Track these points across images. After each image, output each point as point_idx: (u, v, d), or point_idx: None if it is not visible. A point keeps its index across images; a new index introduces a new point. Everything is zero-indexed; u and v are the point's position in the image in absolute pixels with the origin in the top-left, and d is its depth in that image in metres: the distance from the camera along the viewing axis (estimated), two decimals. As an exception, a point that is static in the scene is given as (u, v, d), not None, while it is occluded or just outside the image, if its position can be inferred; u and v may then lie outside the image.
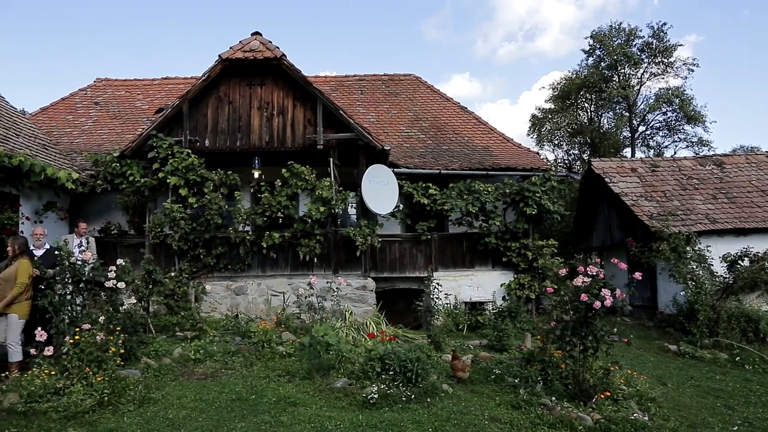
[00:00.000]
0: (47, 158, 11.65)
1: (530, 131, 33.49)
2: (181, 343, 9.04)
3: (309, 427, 5.63)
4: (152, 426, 5.58)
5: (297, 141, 12.27)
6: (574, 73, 31.59)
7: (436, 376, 7.30)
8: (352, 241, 11.78)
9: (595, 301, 6.40)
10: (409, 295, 12.73)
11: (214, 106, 12.34)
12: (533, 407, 6.36)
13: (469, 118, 17.04)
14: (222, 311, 11.73)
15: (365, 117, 16.14)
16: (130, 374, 7.07)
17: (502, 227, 12.96)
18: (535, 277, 12.80)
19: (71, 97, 17.58)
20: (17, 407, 5.88)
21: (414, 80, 18.92)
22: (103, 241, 12.43)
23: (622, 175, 15.66)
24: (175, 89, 17.29)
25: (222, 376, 7.60)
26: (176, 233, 11.66)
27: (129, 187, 12.09)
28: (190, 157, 11.83)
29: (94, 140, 14.96)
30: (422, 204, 12.79)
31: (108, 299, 8.00)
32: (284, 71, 12.08)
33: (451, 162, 13.90)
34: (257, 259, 12.19)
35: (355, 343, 9.08)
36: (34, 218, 11.22)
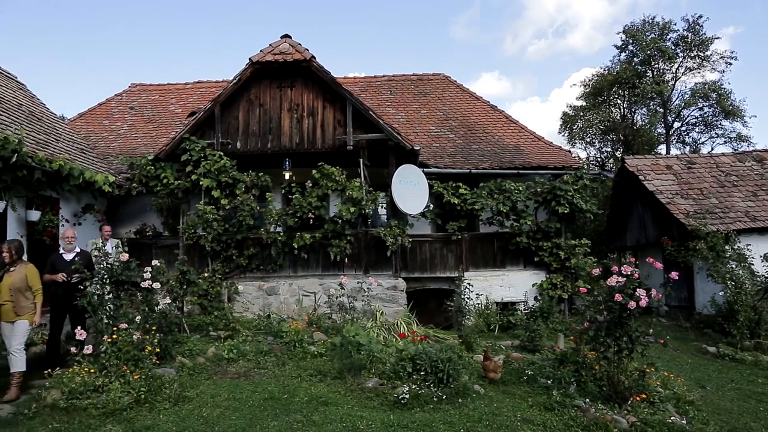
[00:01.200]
0: (85, 162, 11.96)
1: (561, 129, 33.03)
2: (214, 343, 9.17)
3: (340, 426, 5.65)
4: (187, 424, 5.68)
5: (327, 142, 12.34)
6: (606, 69, 31.05)
7: (468, 376, 7.26)
8: (383, 241, 11.79)
9: (630, 302, 6.28)
10: (439, 295, 12.68)
11: (245, 108, 12.49)
12: (567, 409, 6.27)
13: (499, 117, 16.90)
14: (254, 311, 11.87)
15: (395, 117, 16.15)
16: (165, 373, 7.20)
17: (534, 227, 12.83)
18: (568, 277, 12.64)
19: (107, 102, 18.01)
20: (59, 403, 6.08)
21: (443, 79, 18.85)
22: (139, 242, 12.72)
23: (656, 172, 15.35)
24: (207, 93, 17.57)
25: (255, 375, 7.68)
26: (209, 234, 11.84)
27: (163, 189, 12.33)
28: (222, 160, 12.01)
29: (130, 144, 15.30)
30: (452, 204, 12.74)
31: (144, 299, 8.18)
32: (314, 73, 12.16)
33: (482, 161, 13.81)
34: (289, 260, 12.30)
35: (386, 343, 9.09)
36: (73, 221, 11.51)
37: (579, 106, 32.30)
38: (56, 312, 8.01)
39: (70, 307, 7.78)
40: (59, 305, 7.94)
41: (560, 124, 33.14)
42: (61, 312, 8.00)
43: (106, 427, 5.56)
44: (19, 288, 6.88)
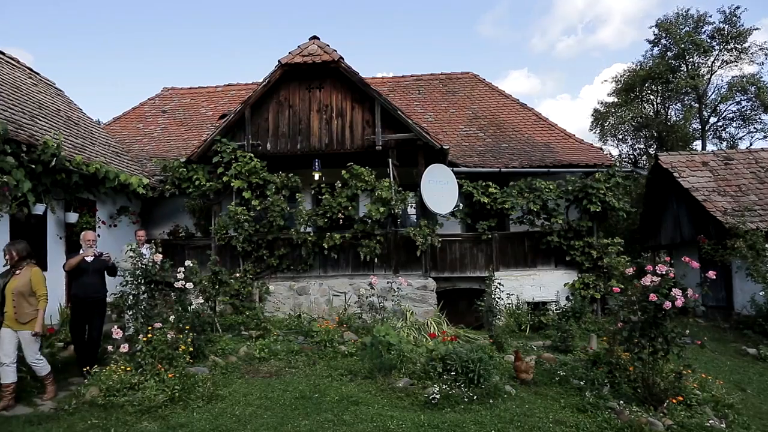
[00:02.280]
0: (120, 165, 12.22)
1: (593, 126, 32.53)
2: (246, 342, 9.29)
3: (371, 426, 5.66)
4: (220, 422, 5.75)
5: (356, 142, 12.38)
6: (638, 64, 30.45)
7: (499, 377, 7.20)
8: (412, 241, 11.78)
9: (665, 302, 6.14)
10: (470, 295, 12.61)
11: (275, 110, 12.61)
12: (600, 411, 6.16)
13: (528, 115, 16.73)
14: (285, 311, 11.98)
15: (423, 117, 16.11)
16: (198, 371, 7.32)
17: (565, 225, 12.67)
18: (600, 277, 12.44)
19: (141, 106, 18.38)
20: (97, 400, 6.25)
21: (472, 78, 18.74)
22: (172, 243, 12.94)
23: (692, 169, 15.00)
24: (237, 95, 17.79)
25: (286, 374, 7.75)
26: (240, 235, 11.99)
27: (195, 191, 12.53)
28: (252, 161, 12.15)
29: (163, 147, 15.58)
30: (482, 203, 12.65)
31: (177, 299, 8.33)
32: (342, 74, 12.22)
33: (512, 160, 13.69)
34: (319, 260, 12.38)
35: (416, 343, 9.07)
36: (109, 222, 11.78)
37: (610, 102, 31.78)
38: (76, 313, 7.64)
39: (90, 308, 7.56)
40: (79, 307, 7.60)
41: (591, 121, 32.66)
42: (80, 313, 7.59)
43: (142, 424, 5.67)
44: (22, 292, 6.40)
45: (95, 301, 7.62)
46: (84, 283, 7.55)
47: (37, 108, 11.02)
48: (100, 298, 7.73)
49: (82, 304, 7.53)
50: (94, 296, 7.59)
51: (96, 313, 7.65)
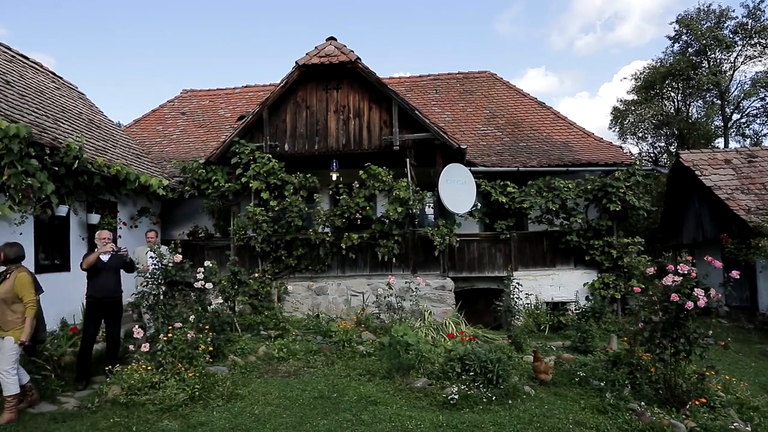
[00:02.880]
0: (140, 167, 12.37)
1: (612, 124, 32.23)
2: (265, 342, 9.34)
3: (390, 426, 5.66)
4: (240, 421, 5.79)
5: (373, 142, 12.39)
6: (658, 61, 30.12)
7: (518, 377, 7.16)
8: (430, 241, 11.76)
9: (687, 302, 6.05)
10: (488, 294, 12.56)
11: (293, 111, 12.67)
12: (621, 412, 6.07)
13: (547, 114, 16.61)
14: (303, 311, 12.03)
15: (441, 116, 16.08)
16: (218, 371, 7.38)
17: (584, 225, 12.56)
18: (621, 276, 12.31)
19: (160, 108, 18.59)
20: (120, 398, 6.33)
21: (489, 77, 18.66)
22: (191, 243, 13.08)
23: (714, 167, 14.78)
24: (255, 96, 17.91)
25: (304, 374, 7.77)
26: (259, 235, 12.06)
27: (214, 192, 12.64)
28: (270, 162, 12.22)
29: (182, 148, 15.73)
30: (500, 202, 12.60)
31: (197, 299, 8.41)
32: (359, 74, 12.23)
33: (530, 159, 13.60)
34: (337, 260, 12.41)
35: (434, 343, 9.05)
36: (130, 223, 11.94)
37: (630, 100, 31.46)
38: (91, 314, 7.45)
39: (106, 310, 7.45)
40: (94, 307, 7.41)
41: (610, 119, 32.38)
42: (96, 314, 7.43)
43: (163, 423, 5.73)
44: (5, 299, 5.95)
45: (112, 302, 7.54)
46: (100, 283, 7.43)
47: (60, 111, 11.19)
48: (116, 299, 7.65)
49: (99, 305, 7.41)
50: (111, 297, 7.50)
51: (113, 315, 7.59)
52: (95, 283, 7.44)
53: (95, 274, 7.44)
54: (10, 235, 8.27)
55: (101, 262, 7.46)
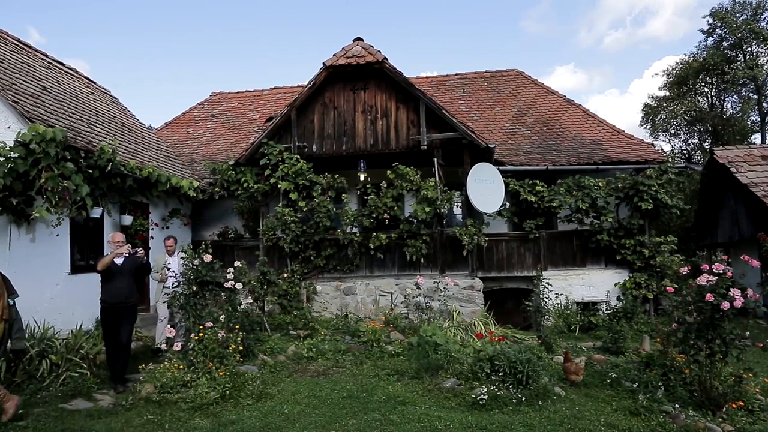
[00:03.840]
0: (171, 169, 12.57)
1: (643, 121, 31.59)
2: (294, 341, 9.41)
3: (418, 426, 5.64)
4: (270, 420, 5.84)
5: (401, 142, 12.39)
6: (691, 56, 29.39)
7: (548, 378, 7.08)
8: (459, 240, 11.71)
9: (723, 302, 5.90)
10: (517, 294, 12.45)
11: (320, 112, 12.74)
12: (654, 414, 5.96)
13: (576, 111, 16.39)
14: (332, 311, 12.08)
15: (468, 115, 16.00)
16: (248, 370, 7.46)
17: (615, 224, 12.37)
18: (653, 276, 12.09)
19: (190, 111, 18.87)
20: (153, 396, 6.44)
21: (517, 75, 18.48)
22: (221, 244, 13.25)
23: (750, 163, 14.38)
24: (283, 98, 18.05)
25: (333, 373, 7.81)
26: (288, 236, 12.16)
27: (243, 193, 12.78)
28: (299, 163, 12.30)
29: (212, 150, 15.95)
30: (529, 201, 12.49)
31: (227, 299, 8.50)
32: (386, 74, 12.24)
33: (559, 157, 13.44)
34: (365, 260, 12.44)
35: (463, 344, 9.01)
36: (161, 224, 12.14)
37: (662, 96, 30.80)
38: (106, 319, 7.20)
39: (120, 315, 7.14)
40: (108, 313, 7.15)
41: (641, 116, 31.74)
42: (110, 320, 7.16)
43: (195, 421, 5.81)
44: None
45: (126, 307, 7.22)
46: (114, 287, 7.13)
47: (94, 115, 11.44)
48: (131, 303, 7.33)
49: (113, 310, 7.12)
50: (124, 302, 7.18)
51: (126, 320, 7.25)
52: (109, 288, 7.17)
53: (109, 278, 7.17)
54: (47, 236, 8.52)
55: (115, 266, 7.20)
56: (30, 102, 8.90)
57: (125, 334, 7.25)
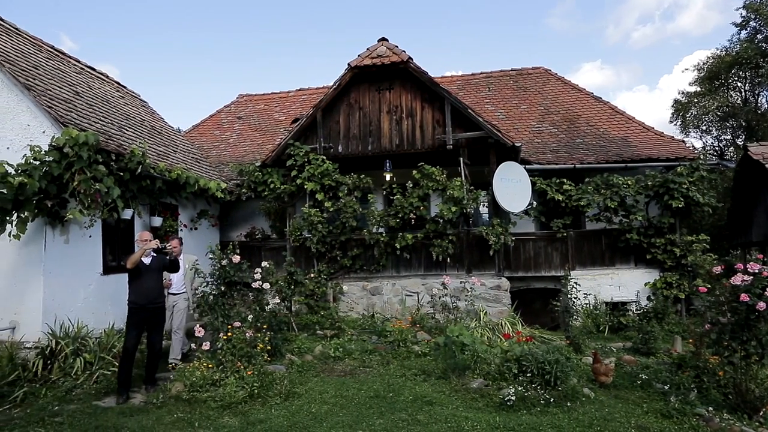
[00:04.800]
0: (199, 171, 12.75)
1: (673, 118, 30.95)
2: (321, 341, 9.46)
3: (445, 426, 5.63)
4: (297, 419, 5.88)
5: (426, 142, 12.37)
6: (723, 50, 28.67)
7: (576, 379, 6.99)
8: (485, 240, 11.64)
9: (759, 302, 5.77)
10: (545, 294, 12.33)
11: (346, 112, 12.79)
12: (687, 417, 5.83)
13: (603, 109, 16.16)
14: (359, 311, 12.12)
15: (494, 114, 15.90)
16: (276, 369, 7.52)
17: (645, 222, 12.17)
18: (685, 276, 11.86)
19: (218, 114, 19.10)
20: (182, 395, 6.56)
21: (543, 73, 18.29)
22: (249, 245, 13.40)
23: (787, 160, 13.98)
24: (308, 99, 18.16)
25: (360, 373, 7.83)
26: (314, 236, 12.23)
27: (270, 194, 12.89)
28: (325, 163, 12.37)
29: (239, 152, 16.12)
30: (556, 200, 12.36)
31: (255, 299, 8.59)
32: (411, 74, 12.23)
33: (587, 155, 13.27)
34: (391, 260, 12.44)
35: (490, 344, 8.95)
36: (190, 225, 12.32)
37: (693, 92, 30.14)
38: (132, 321, 6.99)
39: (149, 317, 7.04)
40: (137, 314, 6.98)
41: (671, 112, 31.08)
42: (138, 321, 6.99)
43: (224, 419, 5.89)
44: None
45: (155, 309, 7.11)
46: (142, 287, 6.98)
47: (124, 119, 11.66)
48: (159, 305, 7.23)
49: (142, 311, 6.97)
50: (154, 303, 7.07)
51: (156, 322, 7.19)
52: (137, 288, 7.00)
53: (137, 277, 7.01)
54: (80, 238, 8.72)
55: (143, 265, 7.05)
56: (63, 107, 9.11)
57: (157, 337, 7.20)
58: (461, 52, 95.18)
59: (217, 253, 8.47)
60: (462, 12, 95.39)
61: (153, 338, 7.17)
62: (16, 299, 8.04)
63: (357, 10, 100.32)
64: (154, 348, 7.17)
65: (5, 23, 10.74)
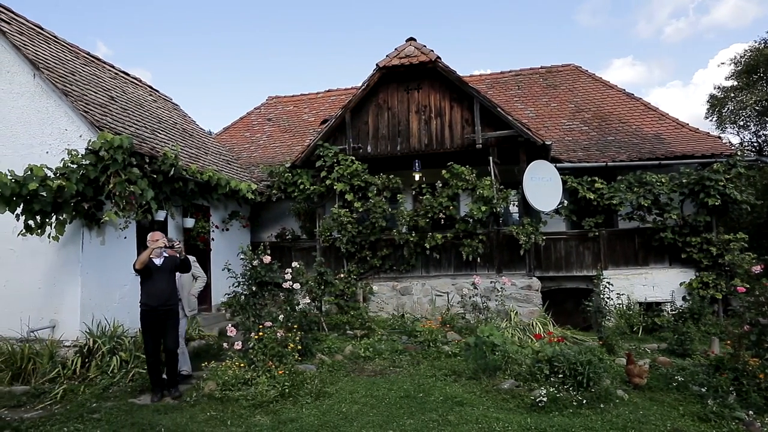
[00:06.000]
0: (230, 172, 12.93)
1: (708, 113, 30.18)
2: (351, 341, 9.50)
3: (476, 427, 5.59)
4: (328, 418, 5.92)
5: (455, 142, 12.32)
6: (762, 42, 27.87)
7: (610, 380, 6.88)
8: (515, 239, 11.54)
9: (800, 302, 5.60)
10: (576, 294, 12.17)
11: (374, 113, 12.81)
12: (725, 421, 5.68)
13: (636, 105, 15.87)
14: (388, 311, 12.12)
15: (524, 112, 15.75)
16: (306, 369, 7.57)
17: (680, 221, 11.90)
18: (722, 275, 11.56)
19: (248, 116, 19.34)
20: (215, 393, 6.65)
21: (573, 70, 18.05)
22: (279, 245, 13.53)
23: (828, 156, 13.56)
24: (337, 100, 18.25)
25: (390, 373, 7.83)
26: (344, 236, 12.28)
27: (300, 194, 13.00)
28: (354, 164, 12.41)
29: (269, 153, 16.28)
30: (588, 199, 12.18)
31: (285, 299, 8.67)
32: (439, 73, 12.20)
33: (619, 153, 13.05)
34: (421, 260, 12.42)
35: (521, 344, 8.88)
36: (221, 226, 12.49)
37: (729, 86, 29.37)
38: (146, 324, 6.85)
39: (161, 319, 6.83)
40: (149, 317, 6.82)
41: (707, 108, 30.32)
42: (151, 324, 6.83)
43: (255, 418, 5.96)
44: None
45: (167, 311, 6.89)
46: (154, 289, 6.81)
47: (157, 122, 11.89)
48: (171, 306, 6.98)
49: (153, 313, 6.79)
50: (165, 305, 6.85)
51: (169, 324, 6.93)
52: (148, 290, 6.85)
53: (148, 278, 6.86)
54: (116, 239, 8.92)
55: (154, 266, 6.88)
56: (99, 111, 9.33)
57: (171, 339, 6.93)
58: (489, 51, 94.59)
59: (248, 254, 8.56)
60: (490, 10, 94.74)
61: (167, 341, 6.92)
62: (56, 299, 8.29)
63: (385, 9, 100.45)
64: (168, 350, 6.94)
65: (45, 32, 11.04)
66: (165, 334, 6.90)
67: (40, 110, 8.89)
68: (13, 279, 8.45)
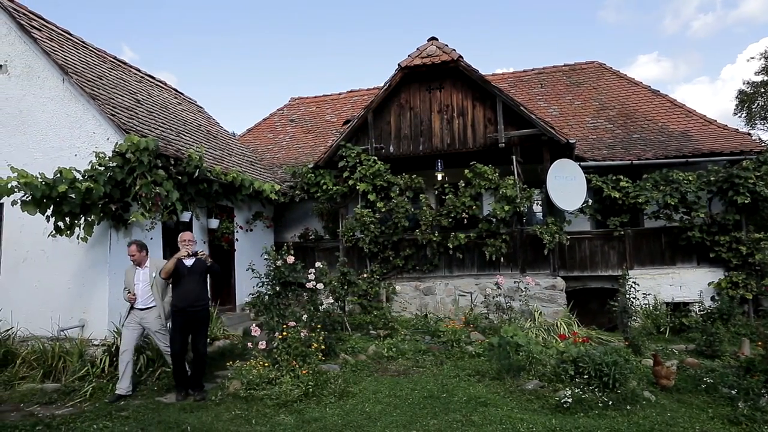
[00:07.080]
0: (254, 173, 13.04)
1: (738, 109, 29.57)
2: (374, 341, 9.51)
3: (500, 428, 5.56)
4: (351, 418, 5.94)
5: (478, 141, 12.26)
6: (793, 37, 27.30)
7: (636, 382, 6.79)
8: (539, 239, 11.45)
9: (833, 302, 5.46)
10: (601, 294, 12.02)
11: (396, 113, 12.81)
12: (757, 424, 5.55)
13: (662, 102, 15.61)
14: (411, 311, 12.12)
15: (547, 111, 15.61)
16: (330, 369, 7.61)
17: (708, 219, 11.68)
18: (752, 275, 11.32)
19: (271, 117, 19.49)
20: (240, 393, 6.72)
21: (597, 67, 17.82)
22: (302, 245, 13.60)
23: None
24: (359, 101, 18.29)
25: (413, 373, 7.83)
26: (366, 237, 12.30)
27: (323, 195, 13.06)
28: (376, 164, 12.43)
29: (292, 154, 16.39)
30: (613, 198, 12.03)
31: (309, 299, 8.73)
32: (462, 73, 12.15)
33: (644, 151, 12.86)
34: (444, 260, 12.39)
35: (545, 345, 8.81)
36: (245, 227, 12.60)
37: (759, 81, 28.74)
38: (177, 325, 6.90)
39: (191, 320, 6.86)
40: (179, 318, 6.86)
41: (736, 104, 29.71)
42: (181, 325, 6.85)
43: (280, 417, 6.00)
44: None
45: (197, 311, 6.90)
46: (184, 290, 6.85)
47: (181, 125, 12.04)
48: (202, 307, 7.00)
49: (183, 315, 6.82)
50: (194, 306, 6.87)
51: (200, 326, 6.98)
52: (178, 291, 6.91)
53: (178, 280, 6.91)
54: (143, 240, 9.04)
55: (185, 267, 6.91)
56: (125, 114, 9.49)
57: (201, 341, 6.99)
58: (512, 50, 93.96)
59: (272, 254, 8.63)
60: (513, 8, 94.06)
61: (196, 342, 6.97)
62: (85, 299, 8.44)
63: (407, 10, 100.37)
64: (198, 352, 6.98)
65: (73, 37, 11.26)
66: (194, 336, 6.97)
67: (69, 114, 9.06)
68: (44, 279, 8.63)
